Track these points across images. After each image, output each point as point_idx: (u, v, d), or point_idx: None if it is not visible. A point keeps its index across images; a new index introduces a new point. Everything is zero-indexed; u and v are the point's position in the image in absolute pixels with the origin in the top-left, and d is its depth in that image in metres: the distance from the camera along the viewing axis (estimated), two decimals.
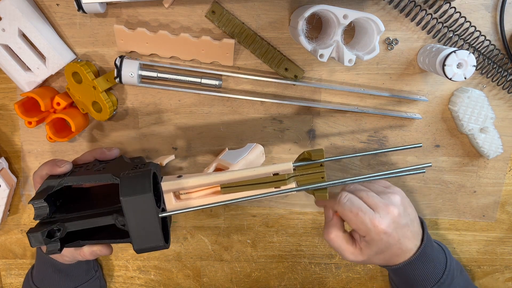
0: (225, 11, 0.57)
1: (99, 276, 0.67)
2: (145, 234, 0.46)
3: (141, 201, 0.45)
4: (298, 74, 0.60)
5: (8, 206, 0.66)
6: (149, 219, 0.46)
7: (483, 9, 0.58)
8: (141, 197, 0.45)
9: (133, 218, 0.46)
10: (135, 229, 0.46)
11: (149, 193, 0.45)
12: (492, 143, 0.61)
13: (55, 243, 0.46)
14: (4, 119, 0.64)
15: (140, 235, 0.46)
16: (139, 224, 0.46)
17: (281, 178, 0.48)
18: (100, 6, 0.54)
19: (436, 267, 0.55)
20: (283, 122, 0.63)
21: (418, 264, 0.53)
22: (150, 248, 0.47)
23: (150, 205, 0.45)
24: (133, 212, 0.45)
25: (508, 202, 0.67)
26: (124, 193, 0.45)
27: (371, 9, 0.58)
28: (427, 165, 0.48)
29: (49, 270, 0.60)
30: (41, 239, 0.45)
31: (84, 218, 0.48)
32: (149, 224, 0.46)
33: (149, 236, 0.46)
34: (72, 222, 0.47)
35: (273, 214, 0.68)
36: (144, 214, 0.45)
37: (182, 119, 0.63)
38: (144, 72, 0.58)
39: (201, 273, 0.71)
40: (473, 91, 0.59)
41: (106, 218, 0.47)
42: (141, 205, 0.45)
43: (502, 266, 0.71)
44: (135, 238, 0.46)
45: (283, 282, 0.72)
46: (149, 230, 0.46)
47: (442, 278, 0.54)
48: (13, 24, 0.54)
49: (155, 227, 0.46)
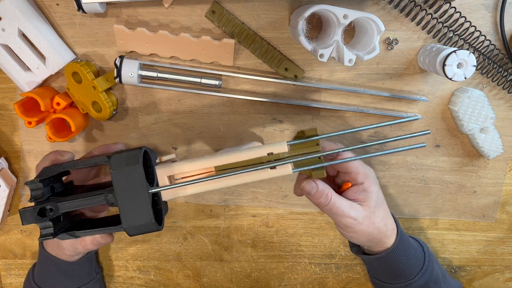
0: (225, 11, 0.57)
1: (99, 278, 0.67)
2: (135, 211, 0.45)
3: (131, 174, 0.45)
4: (298, 74, 0.60)
5: (8, 206, 0.66)
6: (139, 194, 0.45)
7: (483, 9, 0.58)
8: (130, 168, 0.45)
9: (123, 193, 0.45)
10: (125, 205, 0.45)
11: (138, 165, 0.45)
12: (492, 143, 0.61)
13: (47, 223, 0.46)
14: (4, 119, 0.63)
15: (130, 212, 0.45)
16: (129, 200, 0.45)
17: (276, 158, 0.47)
18: (100, 6, 0.54)
19: (416, 254, 0.57)
20: (283, 122, 0.63)
21: (401, 251, 0.55)
22: (140, 226, 0.45)
23: (139, 179, 0.45)
24: (122, 186, 0.45)
25: (508, 202, 0.67)
26: (113, 166, 0.45)
27: (371, 9, 0.58)
28: (426, 132, 0.47)
29: (52, 269, 0.60)
30: (33, 217, 0.45)
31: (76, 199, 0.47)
32: (138, 200, 0.45)
33: (138, 214, 0.45)
34: (64, 203, 0.47)
35: (273, 214, 0.68)
36: (133, 188, 0.45)
37: (182, 119, 0.63)
38: (144, 72, 0.58)
39: (201, 273, 0.71)
40: (473, 91, 0.59)
41: (97, 197, 0.46)
42: (130, 178, 0.45)
43: (502, 266, 0.71)
44: (124, 215, 0.45)
45: (283, 282, 0.72)
46: (139, 207, 0.45)
47: (424, 265, 0.56)
48: (13, 24, 0.54)
49: (144, 203, 0.45)
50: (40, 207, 0.46)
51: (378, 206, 0.53)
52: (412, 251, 0.56)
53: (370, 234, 0.53)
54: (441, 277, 0.59)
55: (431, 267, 0.57)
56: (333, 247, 0.70)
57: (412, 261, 0.56)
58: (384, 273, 0.58)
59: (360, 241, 0.55)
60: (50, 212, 0.46)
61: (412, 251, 0.57)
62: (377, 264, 0.57)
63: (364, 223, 0.51)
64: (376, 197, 0.52)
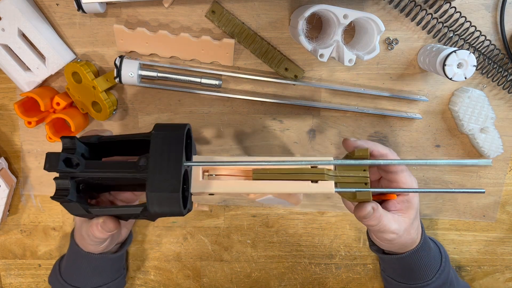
0: (225, 11, 0.57)
1: (125, 275, 0.67)
2: (163, 181, 0.41)
3: (171, 140, 0.42)
4: (298, 74, 0.59)
5: (8, 206, 0.66)
6: (173, 164, 0.41)
7: (483, 9, 0.58)
8: (173, 134, 0.42)
9: (157, 158, 0.41)
10: (155, 171, 0.41)
11: (182, 132, 0.42)
12: (493, 143, 0.61)
13: (65, 181, 0.42)
14: (4, 119, 0.63)
15: (158, 179, 0.41)
16: (161, 167, 0.41)
17: (320, 172, 0.44)
18: (99, 6, 0.54)
19: (435, 255, 0.56)
20: (283, 122, 0.63)
21: (422, 252, 0.54)
22: (163, 198, 0.41)
23: (178, 148, 0.42)
24: (159, 150, 0.42)
25: (509, 202, 0.67)
26: (156, 129, 0.43)
27: (371, 9, 0.57)
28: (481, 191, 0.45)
29: (83, 265, 0.57)
30: (57, 163, 0.42)
31: (105, 164, 0.44)
32: (171, 170, 0.41)
33: (166, 184, 0.41)
34: (92, 162, 0.44)
35: (273, 214, 0.68)
36: (169, 156, 0.42)
37: (182, 119, 0.63)
38: (144, 72, 0.58)
39: (201, 273, 0.71)
40: (473, 91, 0.59)
41: (128, 163, 0.43)
42: (170, 145, 0.42)
43: (502, 266, 0.71)
44: (151, 182, 0.41)
45: (283, 283, 0.72)
46: (169, 177, 0.41)
47: (441, 266, 0.56)
48: (13, 24, 0.54)
49: (176, 174, 0.41)
50: (67, 155, 0.43)
51: (416, 217, 0.51)
52: (432, 253, 0.56)
53: (404, 244, 0.52)
54: (454, 278, 0.58)
55: (447, 269, 0.56)
56: (333, 247, 0.70)
57: (431, 262, 0.55)
58: (402, 273, 0.58)
59: (391, 249, 0.54)
60: (76, 167, 0.43)
61: (432, 252, 0.56)
62: (397, 264, 0.57)
63: (403, 236, 0.50)
64: (417, 209, 0.50)
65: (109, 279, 0.61)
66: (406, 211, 0.49)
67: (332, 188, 0.45)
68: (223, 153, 0.64)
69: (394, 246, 0.52)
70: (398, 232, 0.48)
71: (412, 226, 0.50)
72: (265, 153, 0.64)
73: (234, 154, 0.64)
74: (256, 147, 0.64)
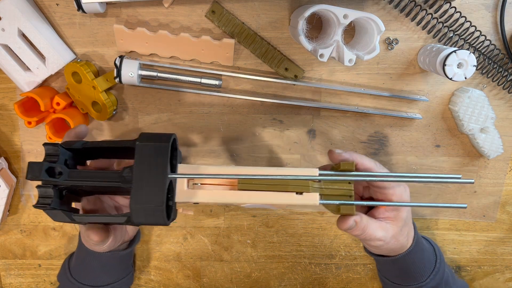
0: (225, 11, 0.57)
1: (132, 273, 0.67)
2: (148, 193, 0.41)
3: (156, 151, 0.42)
4: (298, 74, 0.59)
5: (8, 206, 0.66)
6: (157, 176, 0.41)
7: (484, 9, 0.58)
8: (158, 145, 0.42)
9: (141, 170, 0.41)
10: (139, 183, 0.41)
11: (167, 144, 0.42)
12: (493, 143, 0.61)
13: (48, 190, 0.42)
14: (4, 119, 0.63)
15: (142, 192, 0.41)
16: (145, 179, 0.41)
17: (304, 184, 0.45)
18: (99, 6, 0.54)
19: (429, 257, 0.56)
20: (283, 122, 0.63)
21: (415, 254, 0.54)
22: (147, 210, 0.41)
23: (163, 159, 0.42)
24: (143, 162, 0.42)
25: (509, 202, 0.67)
26: (141, 139, 0.43)
27: (371, 8, 0.57)
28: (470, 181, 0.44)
29: (92, 263, 0.57)
30: (39, 172, 0.42)
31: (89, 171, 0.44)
32: (155, 182, 0.41)
33: (150, 196, 0.41)
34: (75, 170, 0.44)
35: (273, 214, 0.68)
36: (154, 168, 0.42)
37: (182, 119, 0.63)
38: (144, 72, 0.58)
39: (201, 273, 0.71)
40: (473, 91, 0.59)
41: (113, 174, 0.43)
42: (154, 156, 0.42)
43: (502, 266, 0.71)
44: (135, 194, 0.41)
45: (283, 283, 0.72)
46: (153, 189, 0.41)
47: (435, 267, 0.56)
48: (12, 24, 0.54)
49: (161, 186, 0.41)
50: (50, 165, 0.43)
51: (406, 223, 0.51)
52: (426, 254, 0.56)
53: (393, 249, 0.52)
54: (450, 278, 0.59)
55: (442, 269, 0.56)
56: (333, 247, 0.70)
57: (424, 263, 0.55)
58: (396, 274, 0.58)
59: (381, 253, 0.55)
60: (58, 176, 0.43)
61: (426, 253, 0.56)
62: (391, 265, 0.57)
63: (390, 242, 0.50)
64: (406, 216, 0.50)
65: (118, 277, 0.61)
66: (395, 219, 0.49)
67: (316, 200, 0.45)
68: (223, 153, 0.64)
69: (382, 251, 0.53)
70: (385, 239, 0.49)
71: (401, 233, 0.50)
72: (266, 153, 0.64)
73: (234, 154, 0.64)
74: (256, 147, 0.64)
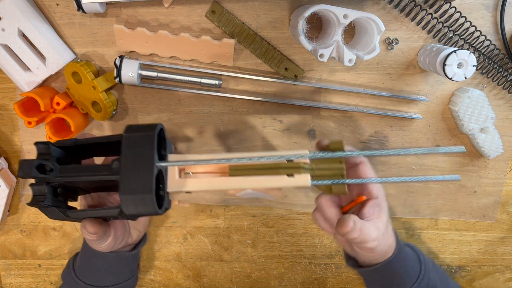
0: (225, 11, 0.57)
1: (137, 275, 0.66)
2: (136, 182, 0.41)
3: (142, 141, 0.42)
4: (298, 74, 0.59)
5: (8, 206, 0.66)
6: (145, 165, 0.41)
7: (484, 8, 0.58)
8: (143, 135, 0.42)
9: (129, 160, 0.41)
10: (127, 173, 0.41)
11: (152, 133, 0.43)
12: (493, 143, 0.61)
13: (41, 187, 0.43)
14: (4, 119, 0.63)
15: (131, 181, 0.41)
16: (133, 169, 0.41)
17: (295, 166, 0.44)
18: (99, 6, 0.54)
19: (413, 264, 0.55)
20: (283, 122, 0.63)
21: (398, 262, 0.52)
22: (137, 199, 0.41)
23: (150, 148, 0.42)
24: (130, 152, 0.42)
25: (509, 202, 0.67)
26: (127, 130, 0.43)
27: (371, 8, 0.57)
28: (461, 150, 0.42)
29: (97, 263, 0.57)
30: (30, 169, 0.42)
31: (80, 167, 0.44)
32: (143, 171, 0.41)
33: (139, 185, 0.41)
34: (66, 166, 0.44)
35: (273, 214, 0.68)
36: (141, 158, 0.42)
37: (182, 119, 0.63)
38: (144, 72, 0.58)
39: (201, 273, 0.71)
40: (473, 91, 0.59)
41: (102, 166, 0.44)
42: (141, 146, 0.42)
43: (502, 266, 0.71)
44: (124, 184, 0.41)
45: (283, 283, 0.72)
46: (142, 178, 0.41)
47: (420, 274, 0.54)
48: (12, 24, 0.54)
49: (148, 175, 0.41)
50: (40, 162, 0.43)
51: (388, 220, 0.50)
52: (409, 261, 0.54)
53: (384, 252, 0.50)
54: (439, 284, 0.57)
55: (427, 276, 0.55)
56: (333, 247, 0.70)
57: (408, 271, 0.54)
58: (381, 284, 0.55)
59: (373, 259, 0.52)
60: (50, 172, 0.43)
61: (409, 261, 0.54)
62: (375, 275, 0.55)
63: (382, 242, 0.48)
64: (387, 211, 0.49)
65: (122, 279, 0.61)
66: (379, 215, 0.48)
67: (308, 181, 0.44)
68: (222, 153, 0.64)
69: (375, 255, 0.50)
70: (379, 238, 0.47)
71: (387, 230, 0.49)
72: None
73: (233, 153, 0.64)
74: (256, 147, 0.64)
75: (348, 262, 0.57)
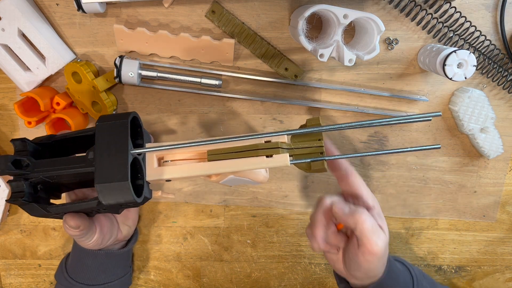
0: (225, 11, 0.57)
1: (130, 273, 0.66)
2: (111, 170, 0.41)
3: (116, 129, 0.42)
4: (298, 74, 0.59)
5: (8, 206, 0.66)
6: (120, 153, 0.41)
7: (484, 8, 0.58)
8: (116, 123, 0.42)
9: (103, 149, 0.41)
10: (102, 162, 0.41)
11: (126, 120, 0.42)
12: (493, 143, 0.61)
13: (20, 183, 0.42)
14: (4, 119, 0.63)
15: (106, 170, 0.41)
16: (108, 157, 0.41)
17: (274, 146, 0.43)
18: (99, 6, 0.54)
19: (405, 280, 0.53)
20: (283, 122, 0.63)
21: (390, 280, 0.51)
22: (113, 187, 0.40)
23: (123, 136, 0.42)
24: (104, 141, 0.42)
25: (509, 202, 0.67)
26: (100, 120, 0.43)
27: (371, 8, 0.57)
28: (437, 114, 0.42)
29: (88, 262, 0.57)
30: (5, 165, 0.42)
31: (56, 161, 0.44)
32: (118, 159, 0.41)
33: (114, 173, 0.40)
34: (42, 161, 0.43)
35: (273, 214, 0.68)
36: (115, 146, 0.41)
37: (182, 119, 0.63)
38: (144, 72, 0.58)
39: (201, 273, 0.71)
40: (473, 91, 0.59)
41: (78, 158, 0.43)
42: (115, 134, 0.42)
43: (502, 266, 0.71)
44: (98, 171, 0.41)
45: (283, 283, 0.72)
46: (117, 166, 0.41)
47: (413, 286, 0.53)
48: (12, 24, 0.54)
49: (124, 162, 0.41)
50: (15, 157, 0.42)
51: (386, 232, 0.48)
52: (401, 278, 0.53)
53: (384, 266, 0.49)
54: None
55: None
56: None
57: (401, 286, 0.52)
58: None
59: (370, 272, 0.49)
60: (26, 168, 0.43)
61: (401, 277, 0.53)
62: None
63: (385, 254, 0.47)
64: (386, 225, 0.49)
65: (115, 277, 0.61)
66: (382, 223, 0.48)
67: (287, 160, 0.43)
68: None
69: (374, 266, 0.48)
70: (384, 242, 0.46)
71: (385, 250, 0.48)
72: None
73: None
74: None
75: (340, 286, 0.55)
